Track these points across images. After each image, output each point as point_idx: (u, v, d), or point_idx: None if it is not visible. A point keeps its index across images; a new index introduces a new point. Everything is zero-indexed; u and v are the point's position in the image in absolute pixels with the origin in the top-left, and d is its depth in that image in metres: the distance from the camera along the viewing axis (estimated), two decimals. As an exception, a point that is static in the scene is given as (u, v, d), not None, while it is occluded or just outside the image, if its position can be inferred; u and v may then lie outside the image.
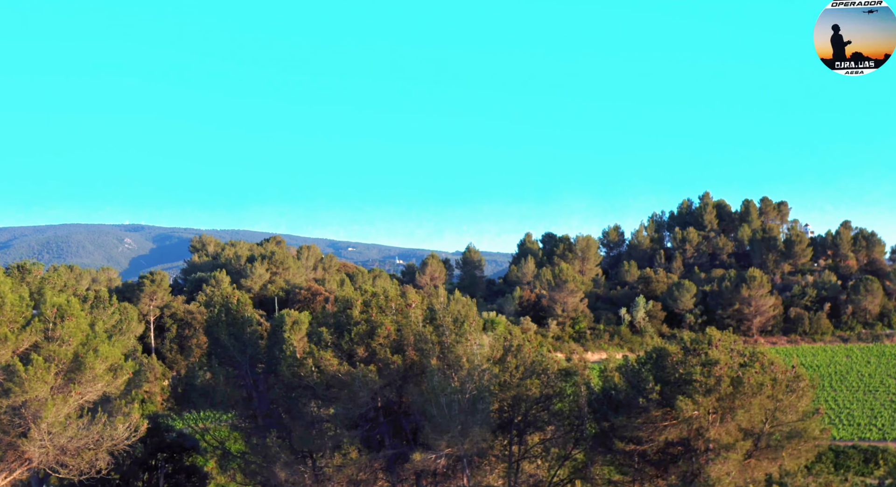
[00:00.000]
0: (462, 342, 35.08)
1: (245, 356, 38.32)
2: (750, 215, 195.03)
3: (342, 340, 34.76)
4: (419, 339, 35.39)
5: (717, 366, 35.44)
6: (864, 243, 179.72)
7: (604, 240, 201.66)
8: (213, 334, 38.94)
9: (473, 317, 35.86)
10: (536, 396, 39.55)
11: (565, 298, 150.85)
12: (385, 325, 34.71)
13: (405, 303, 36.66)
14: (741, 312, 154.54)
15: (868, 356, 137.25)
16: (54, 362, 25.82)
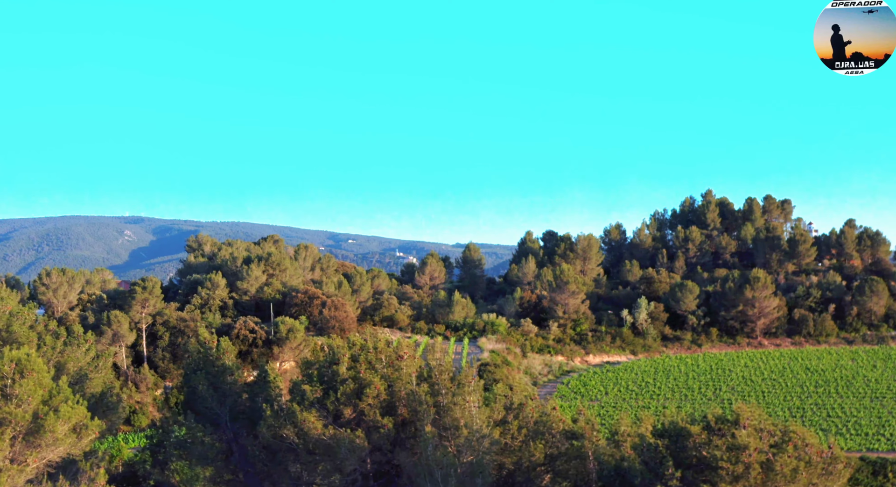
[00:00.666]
0: (460, 403, 31.16)
1: (224, 408, 35.76)
2: (753, 213, 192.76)
3: (328, 399, 31.98)
4: (413, 399, 32.49)
5: (745, 452, 31.29)
6: (870, 242, 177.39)
7: (605, 238, 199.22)
8: (191, 383, 36.17)
9: (472, 375, 32.22)
10: (540, 460, 35.63)
11: (566, 299, 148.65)
12: (374, 384, 31.90)
13: (396, 355, 33.65)
14: (745, 313, 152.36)
15: (874, 360, 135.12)
16: (11, 425, 23.61)
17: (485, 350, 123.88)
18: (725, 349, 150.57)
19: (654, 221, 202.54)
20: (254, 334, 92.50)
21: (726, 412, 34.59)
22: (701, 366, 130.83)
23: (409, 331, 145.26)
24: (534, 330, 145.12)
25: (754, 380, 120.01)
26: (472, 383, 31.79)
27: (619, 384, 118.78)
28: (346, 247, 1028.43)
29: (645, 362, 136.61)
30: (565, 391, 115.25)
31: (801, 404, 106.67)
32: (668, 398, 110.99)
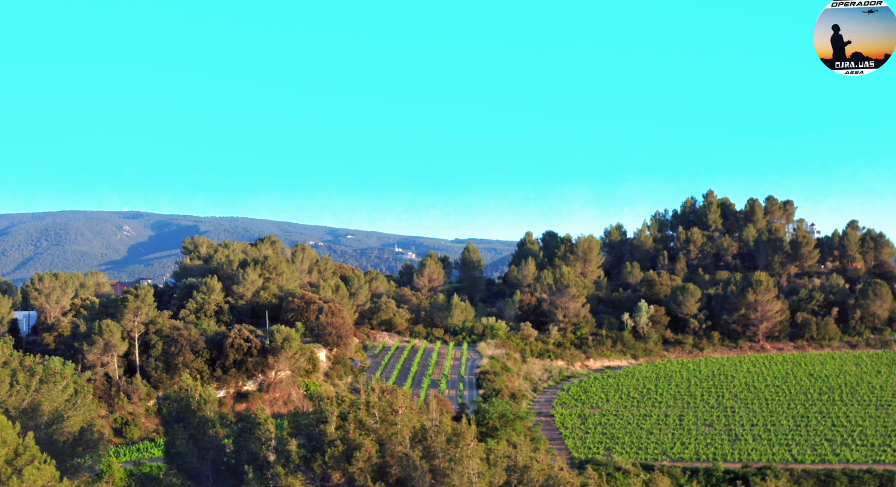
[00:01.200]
0: (458, 470, 28.35)
1: (206, 463, 33.51)
2: (755, 214, 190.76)
3: (315, 461, 29.63)
4: (406, 465, 30.05)
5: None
6: (873, 244, 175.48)
7: (605, 239, 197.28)
8: (170, 434, 33.79)
9: (472, 437, 29.42)
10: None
11: (567, 303, 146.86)
12: (365, 447, 29.57)
13: (391, 409, 31.26)
14: (747, 317, 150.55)
15: (878, 365, 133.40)
16: (-30, 491, 21.89)
17: (484, 356, 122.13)
18: (727, 354, 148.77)
19: (655, 222, 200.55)
20: (249, 343, 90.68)
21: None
22: (703, 371, 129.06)
23: (408, 335, 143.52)
24: (533, 334, 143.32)
25: (757, 387, 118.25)
26: (472, 443, 29.31)
27: (621, 391, 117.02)
28: (344, 242, 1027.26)
29: (646, 367, 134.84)
30: (566, 397, 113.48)
31: (804, 412, 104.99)
32: (669, 405, 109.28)
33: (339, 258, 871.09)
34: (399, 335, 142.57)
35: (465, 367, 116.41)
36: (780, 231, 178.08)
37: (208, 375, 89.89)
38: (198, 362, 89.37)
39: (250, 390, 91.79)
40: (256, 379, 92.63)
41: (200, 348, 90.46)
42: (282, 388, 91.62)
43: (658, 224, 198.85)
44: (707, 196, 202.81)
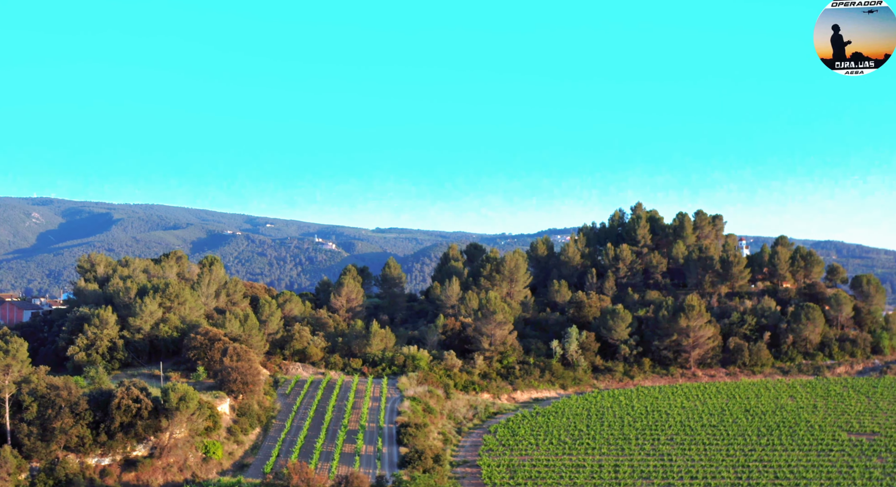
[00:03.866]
0: None
1: None
2: (685, 229, 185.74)
3: None
4: None
5: None
6: (803, 263, 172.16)
7: (531, 253, 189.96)
8: None
9: None
10: None
11: (493, 330, 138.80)
12: None
13: None
14: (679, 343, 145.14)
15: (813, 397, 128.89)
16: None
17: (405, 397, 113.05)
18: (659, 382, 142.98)
19: (583, 236, 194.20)
20: (138, 403, 79.84)
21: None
22: (636, 407, 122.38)
23: (323, 366, 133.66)
24: (458, 364, 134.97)
25: (693, 428, 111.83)
26: None
27: (551, 433, 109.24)
28: (264, 231, 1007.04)
29: (576, 400, 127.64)
30: (493, 443, 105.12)
31: (745, 460, 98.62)
32: (603, 453, 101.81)
33: (257, 249, 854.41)
34: (314, 367, 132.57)
35: (385, 412, 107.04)
36: (710, 249, 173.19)
37: (91, 441, 78.85)
38: (79, 427, 78.20)
39: (140, 456, 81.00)
40: (148, 443, 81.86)
41: (82, 409, 79.23)
42: (177, 452, 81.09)
43: (586, 239, 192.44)
44: (635, 210, 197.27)
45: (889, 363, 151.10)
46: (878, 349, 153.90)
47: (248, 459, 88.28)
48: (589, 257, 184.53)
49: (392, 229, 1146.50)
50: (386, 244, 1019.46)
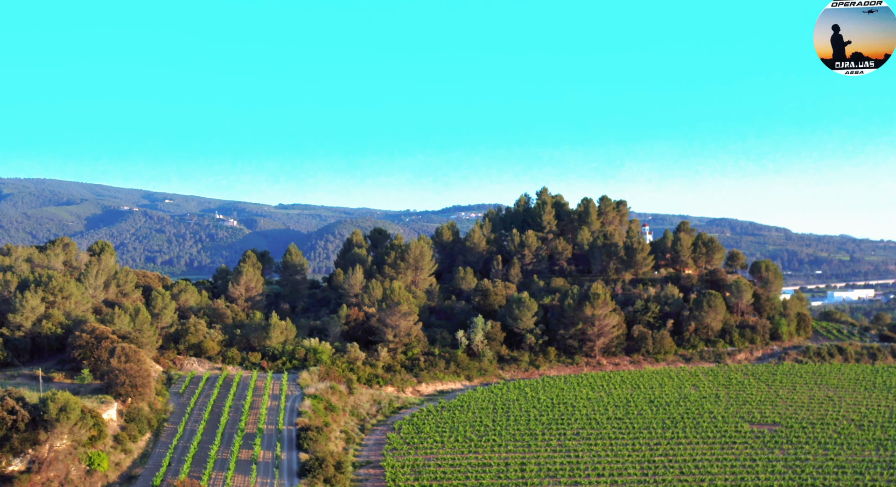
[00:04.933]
0: None
1: None
2: (589, 215, 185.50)
3: None
4: None
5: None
6: (704, 249, 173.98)
7: (436, 238, 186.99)
8: None
9: None
10: None
11: (398, 321, 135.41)
12: None
13: None
14: (584, 332, 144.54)
15: (716, 387, 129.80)
16: None
17: (306, 395, 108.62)
18: (564, 371, 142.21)
19: (489, 221, 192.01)
20: (14, 415, 73.58)
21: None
22: (542, 399, 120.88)
23: (220, 361, 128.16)
24: (361, 357, 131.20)
25: (599, 421, 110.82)
26: None
27: (456, 429, 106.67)
28: (162, 207, 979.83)
29: (481, 393, 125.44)
30: (397, 441, 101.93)
31: (651, 455, 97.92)
32: (510, 450, 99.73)
33: (155, 226, 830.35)
34: (210, 362, 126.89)
35: (285, 413, 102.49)
36: (614, 235, 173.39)
37: (-41, 456, 72.41)
38: (-55, 441, 71.66)
39: (17, 471, 74.86)
40: (25, 457, 75.69)
41: (-51, 422, 72.62)
42: (58, 466, 75.22)
43: (491, 224, 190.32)
44: (541, 194, 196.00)
45: (787, 349, 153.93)
46: (777, 336, 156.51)
47: (136, 470, 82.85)
48: (495, 242, 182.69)
49: (295, 206, 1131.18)
50: (289, 221, 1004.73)
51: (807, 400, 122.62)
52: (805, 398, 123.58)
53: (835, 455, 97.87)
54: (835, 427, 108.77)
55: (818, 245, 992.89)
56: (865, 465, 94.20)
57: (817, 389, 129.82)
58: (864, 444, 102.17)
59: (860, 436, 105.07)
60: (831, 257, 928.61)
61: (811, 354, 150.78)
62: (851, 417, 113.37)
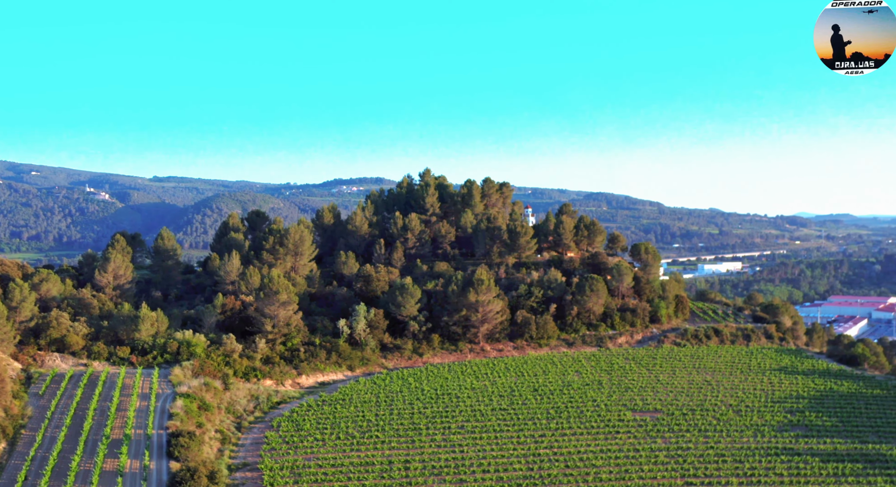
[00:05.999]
0: None
1: None
2: (473, 198, 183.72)
3: None
4: None
5: None
6: (586, 232, 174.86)
7: (317, 221, 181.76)
8: None
9: None
10: None
11: (276, 310, 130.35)
12: None
13: None
14: (468, 318, 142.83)
15: (598, 372, 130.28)
16: None
17: (178, 394, 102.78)
18: (448, 358, 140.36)
19: (371, 203, 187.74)
20: None
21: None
22: (426, 391, 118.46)
23: (85, 356, 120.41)
24: (238, 349, 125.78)
25: (484, 412, 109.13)
26: None
27: (338, 425, 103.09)
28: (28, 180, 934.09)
29: (364, 384, 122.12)
30: (276, 441, 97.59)
31: (536, 448, 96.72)
32: (393, 447, 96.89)
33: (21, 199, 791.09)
34: (75, 358, 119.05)
35: (155, 415, 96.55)
36: (498, 219, 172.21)
37: None
38: None
39: None
40: None
41: None
42: None
43: (374, 207, 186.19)
44: (424, 176, 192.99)
45: (666, 332, 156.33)
46: (656, 318, 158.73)
47: (-13, 486, 76.15)
48: (377, 225, 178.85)
49: (171, 178, 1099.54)
50: (164, 194, 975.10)
51: (686, 385, 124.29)
52: (685, 383, 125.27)
53: (715, 442, 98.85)
54: (714, 413, 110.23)
55: (689, 219, 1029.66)
56: (744, 452, 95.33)
57: (696, 373, 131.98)
58: (742, 430, 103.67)
59: (738, 422, 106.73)
60: (702, 230, 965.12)
61: (689, 336, 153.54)
62: (729, 402, 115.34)
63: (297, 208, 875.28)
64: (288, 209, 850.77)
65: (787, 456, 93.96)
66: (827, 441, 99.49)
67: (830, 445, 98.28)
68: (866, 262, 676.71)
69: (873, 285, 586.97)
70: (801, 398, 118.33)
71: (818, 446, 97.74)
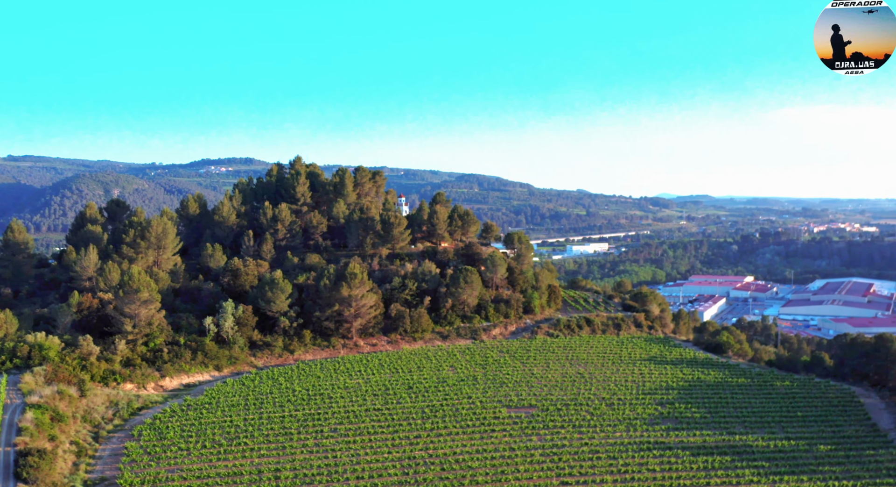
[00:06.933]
0: None
1: None
2: (345, 187, 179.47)
3: None
4: None
5: None
6: (460, 222, 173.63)
7: (182, 211, 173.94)
8: None
9: None
10: None
11: (137, 309, 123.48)
12: None
13: None
14: (341, 313, 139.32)
15: (473, 367, 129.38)
16: None
17: (28, 405, 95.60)
18: (320, 355, 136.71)
19: (239, 192, 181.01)
20: None
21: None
22: (297, 391, 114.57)
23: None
24: (95, 351, 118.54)
25: (358, 413, 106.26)
26: None
27: (203, 432, 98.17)
28: None
29: (232, 386, 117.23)
30: (136, 452, 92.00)
31: (411, 451, 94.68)
32: (263, 454, 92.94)
33: None
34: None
35: (2, 430, 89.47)
36: (371, 209, 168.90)
37: None
38: None
39: None
40: None
41: None
42: None
43: (242, 196, 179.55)
44: (295, 163, 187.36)
45: (539, 323, 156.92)
46: (530, 309, 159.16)
47: None
48: (246, 216, 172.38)
49: (28, 158, 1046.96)
50: (20, 174, 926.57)
51: (560, 379, 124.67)
52: (559, 377, 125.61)
53: (589, 438, 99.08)
54: (587, 407, 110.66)
55: (558, 200, 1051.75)
56: (618, 448, 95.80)
57: (569, 365, 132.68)
58: (616, 425, 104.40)
59: (611, 416, 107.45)
60: (570, 211, 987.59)
61: (562, 327, 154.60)
62: (602, 395, 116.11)
63: (162, 189, 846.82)
64: (153, 191, 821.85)
65: (658, 451, 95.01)
66: (696, 434, 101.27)
67: (700, 437, 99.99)
68: (724, 242, 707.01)
69: (731, 264, 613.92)
70: (670, 389, 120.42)
71: (688, 439, 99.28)
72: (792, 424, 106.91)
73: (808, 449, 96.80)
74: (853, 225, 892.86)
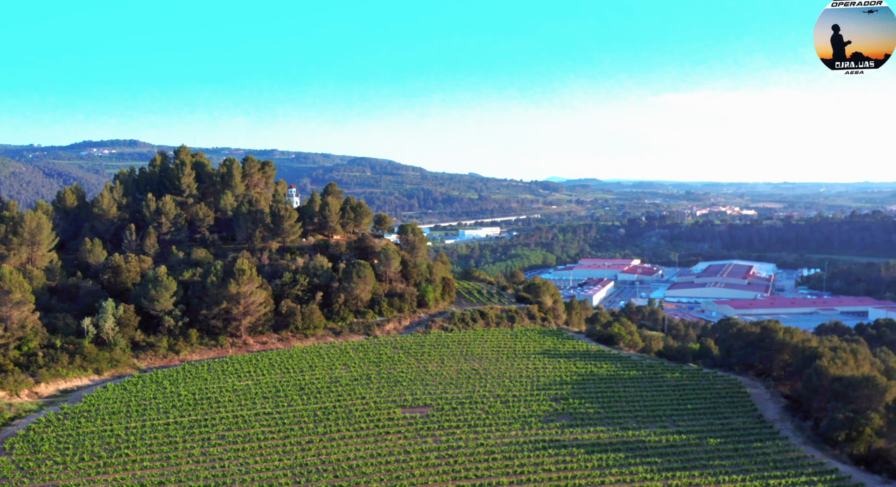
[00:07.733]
0: None
1: None
2: (233, 178, 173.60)
3: None
4: None
5: None
6: (353, 214, 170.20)
7: (58, 204, 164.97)
8: None
9: None
10: None
11: (9, 312, 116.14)
12: None
13: None
14: (229, 311, 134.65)
15: (367, 365, 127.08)
16: None
17: None
18: (208, 355, 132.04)
19: (120, 184, 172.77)
20: None
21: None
22: (183, 396, 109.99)
23: None
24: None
25: (247, 419, 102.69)
26: None
27: (82, 445, 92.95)
28: None
29: (113, 390, 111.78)
30: (8, 467, 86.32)
31: (303, 458, 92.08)
32: (146, 466, 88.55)
33: None
34: None
35: None
36: (260, 201, 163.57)
37: None
38: None
39: None
40: None
41: None
42: None
43: (124, 187, 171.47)
44: (179, 153, 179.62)
45: (433, 317, 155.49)
46: (424, 303, 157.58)
47: None
48: (128, 208, 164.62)
49: None
50: None
51: (455, 376, 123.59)
52: (454, 374, 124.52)
53: (485, 438, 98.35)
54: (482, 405, 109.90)
55: (451, 184, 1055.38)
56: (514, 448, 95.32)
57: (464, 361, 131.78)
58: (511, 423, 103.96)
59: (507, 414, 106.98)
60: (462, 195, 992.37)
61: (456, 320, 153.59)
62: (497, 392, 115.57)
63: (41, 172, 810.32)
64: (31, 174, 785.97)
65: (554, 449, 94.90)
66: (591, 430, 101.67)
67: (594, 434, 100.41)
68: (612, 226, 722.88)
69: (619, 247, 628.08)
70: (564, 384, 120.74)
71: (583, 436, 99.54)
72: (683, 417, 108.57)
73: (698, 443, 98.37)
74: (733, 208, 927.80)
